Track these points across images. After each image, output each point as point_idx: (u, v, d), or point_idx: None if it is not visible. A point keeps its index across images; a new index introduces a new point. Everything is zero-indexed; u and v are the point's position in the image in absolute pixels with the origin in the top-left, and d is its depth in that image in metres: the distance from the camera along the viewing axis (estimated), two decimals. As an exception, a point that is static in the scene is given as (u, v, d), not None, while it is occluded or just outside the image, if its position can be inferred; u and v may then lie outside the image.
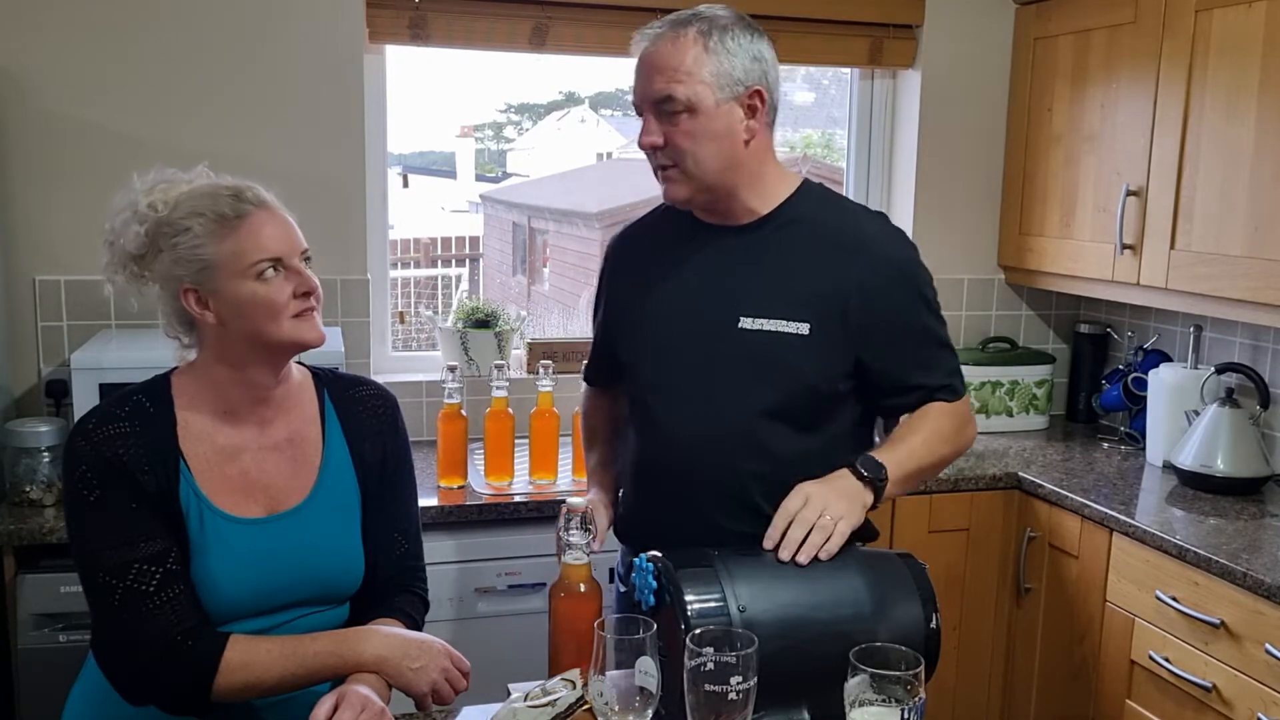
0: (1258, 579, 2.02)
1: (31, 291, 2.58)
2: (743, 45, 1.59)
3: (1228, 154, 2.45)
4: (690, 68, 1.56)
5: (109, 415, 1.48)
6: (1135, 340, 3.16)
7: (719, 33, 1.58)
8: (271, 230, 1.48)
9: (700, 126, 1.58)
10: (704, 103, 1.57)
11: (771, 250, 1.65)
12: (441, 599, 2.20)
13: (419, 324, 3.44)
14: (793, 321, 1.61)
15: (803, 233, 1.65)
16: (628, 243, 1.87)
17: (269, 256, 1.47)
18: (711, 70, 1.57)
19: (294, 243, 1.50)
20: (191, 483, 1.49)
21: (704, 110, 1.57)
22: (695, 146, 1.59)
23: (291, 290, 1.48)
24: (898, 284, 1.64)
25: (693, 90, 1.56)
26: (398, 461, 1.68)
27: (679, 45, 1.57)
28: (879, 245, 1.65)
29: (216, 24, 2.63)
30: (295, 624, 1.55)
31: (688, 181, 1.62)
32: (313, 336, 1.52)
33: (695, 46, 1.56)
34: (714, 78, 1.57)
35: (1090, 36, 2.85)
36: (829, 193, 1.74)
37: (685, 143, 1.59)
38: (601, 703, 1.22)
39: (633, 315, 1.76)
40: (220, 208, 1.46)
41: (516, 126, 5.87)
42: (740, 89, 1.59)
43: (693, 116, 1.57)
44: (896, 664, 1.18)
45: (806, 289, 1.61)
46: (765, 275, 1.64)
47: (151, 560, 1.44)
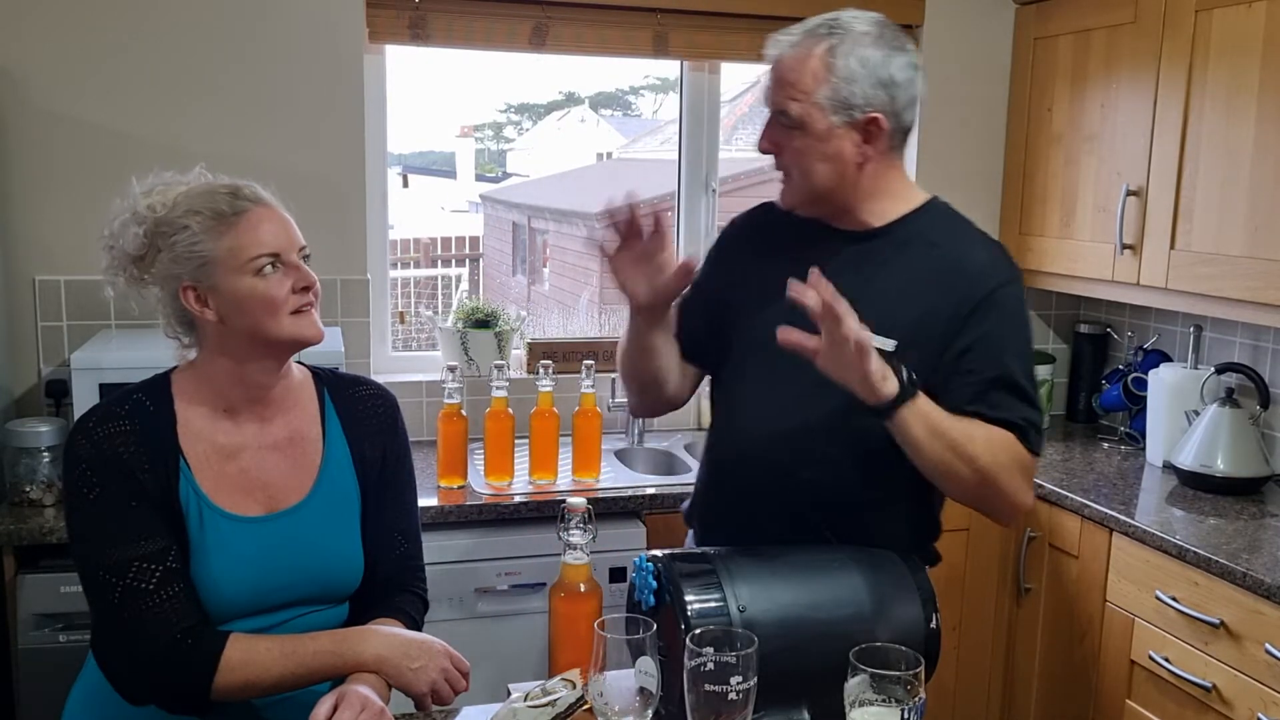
0: (1258, 579, 2.02)
1: (31, 291, 2.58)
2: (870, 67, 1.54)
3: (1228, 154, 2.45)
4: (808, 87, 1.54)
5: (109, 414, 1.49)
6: (1135, 340, 3.16)
7: (847, 53, 1.54)
8: (269, 226, 1.49)
9: (809, 146, 1.56)
10: (815, 125, 1.55)
11: (875, 262, 1.61)
12: (441, 599, 2.20)
13: (419, 324, 3.44)
14: (879, 335, 1.54)
15: (911, 250, 1.60)
16: (753, 229, 1.81)
17: (267, 252, 1.47)
18: (828, 94, 1.54)
19: (292, 239, 1.51)
20: (191, 481, 1.49)
21: (814, 132, 1.55)
22: (803, 163, 1.58)
23: (290, 286, 1.49)
24: (989, 317, 1.56)
25: (805, 111, 1.54)
26: (398, 461, 1.68)
27: (802, 61, 1.55)
28: (981, 275, 1.58)
29: (216, 24, 2.63)
30: (294, 623, 1.55)
31: (798, 192, 1.61)
32: (311, 333, 1.52)
33: (818, 65, 1.54)
34: (829, 101, 1.54)
35: (1090, 36, 2.85)
36: (953, 215, 1.67)
37: (791, 158, 1.58)
38: (601, 703, 1.22)
39: (735, 301, 1.72)
40: (218, 205, 1.47)
41: (516, 126, 5.87)
42: (856, 115, 1.55)
43: (803, 135, 1.56)
44: (896, 664, 1.18)
45: (900, 306, 1.56)
46: (864, 284, 1.57)
47: (151, 558, 1.44)
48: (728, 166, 3.25)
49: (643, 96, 5.21)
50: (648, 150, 6.26)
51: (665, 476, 2.77)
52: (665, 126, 5.23)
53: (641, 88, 5.10)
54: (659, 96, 4.92)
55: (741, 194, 4.57)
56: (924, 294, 1.58)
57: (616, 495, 2.51)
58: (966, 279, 1.58)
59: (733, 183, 3.38)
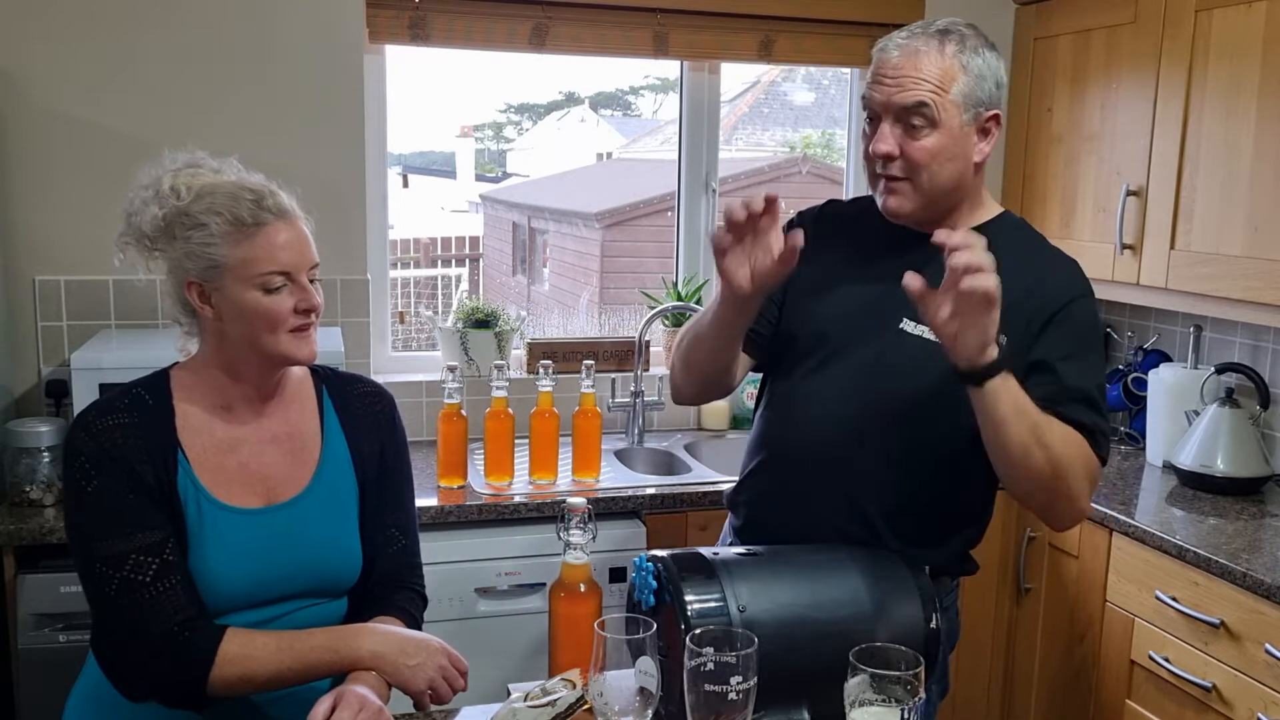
0: (1258, 579, 2.02)
1: (31, 291, 2.58)
2: (990, 67, 1.58)
3: (1228, 154, 2.45)
4: (943, 82, 1.54)
5: (108, 407, 1.49)
6: (1135, 340, 3.16)
7: (972, 52, 1.56)
8: (286, 243, 1.48)
9: (942, 145, 1.55)
10: (951, 122, 1.55)
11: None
12: (441, 599, 2.20)
13: (419, 324, 3.44)
14: None
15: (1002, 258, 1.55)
16: (824, 224, 1.77)
17: (279, 270, 1.47)
18: (962, 90, 1.55)
19: (306, 257, 1.50)
20: (190, 473, 1.50)
21: (949, 129, 1.55)
22: (934, 164, 1.56)
23: (293, 305, 1.49)
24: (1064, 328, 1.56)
25: (943, 106, 1.54)
26: (395, 458, 1.68)
27: (936, 58, 1.55)
28: (1058, 287, 1.59)
29: (216, 24, 2.63)
30: (292, 616, 1.55)
31: (916, 197, 1.59)
32: (303, 354, 1.52)
33: (953, 63, 1.55)
34: (963, 98, 1.55)
35: (1090, 37, 2.85)
36: (1026, 227, 1.72)
37: (924, 158, 1.56)
38: (601, 703, 1.22)
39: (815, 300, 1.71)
40: (239, 211, 1.46)
41: (516, 126, 5.87)
42: (982, 111, 1.58)
43: (936, 133, 1.55)
44: (896, 664, 1.18)
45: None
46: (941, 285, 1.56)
47: (148, 550, 1.44)
48: (728, 166, 3.26)
49: (643, 96, 5.21)
50: (648, 150, 6.27)
51: (665, 476, 2.77)
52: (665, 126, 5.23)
53: (641, 88, 5.10)
54: (659, 96, 4.93)
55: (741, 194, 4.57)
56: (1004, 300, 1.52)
57: (616, 495, 2.51)
58: (1044, 290, 1.58)
59: (733, 183, 3.38)
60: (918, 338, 1.58)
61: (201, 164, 1.53)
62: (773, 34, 3.01)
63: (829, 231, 1.74)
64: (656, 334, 3.16)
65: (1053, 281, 1.60)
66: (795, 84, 3.87)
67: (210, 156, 1.55)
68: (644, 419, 3.00)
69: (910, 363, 1.59)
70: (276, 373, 1.57)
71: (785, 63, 3.14)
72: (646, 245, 5.28)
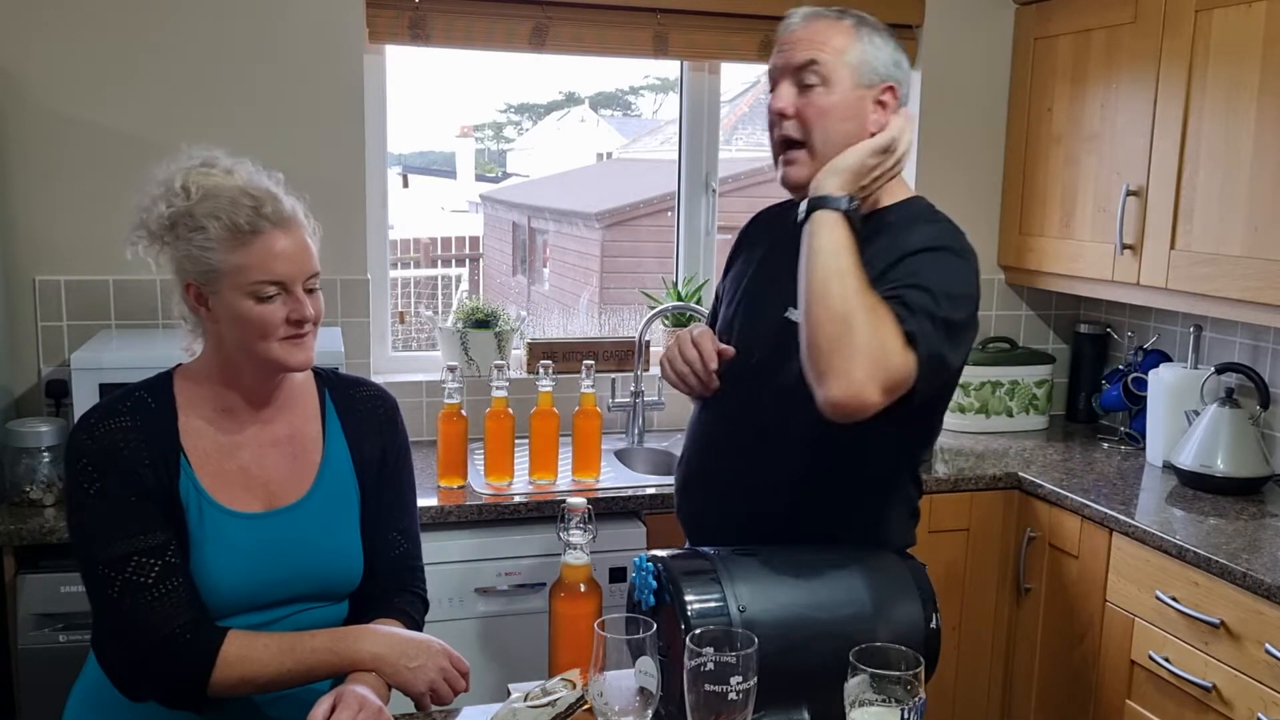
0: (1258, 579, 2.02)
1: (31, 291, 2.58)
2: (889, 46, 1.64)
3: (1228, 154, 2.45)
4: (838, 45, 1.61)
5: (111, 410, 1.49)
6: (1135, 340, 3.16)
7: (870, 29, 1.64)
8: (282, 253, 1.47)
9: (833, 103, 1.60)
10: (841, 82, 1.61)
11: None
12: (441, 599, 2.20)
13: (419, 324, 3.44)
14: None
15: (876, 239, 1.60)
16: (755, 227, 1.89)
17: (272, 279, 1.46)
18: (856, 56, 1.61)
19: (302, 267, 1.49)
20: (192, 476, 1.50)
21: (839, 89, 1.60)
22: (826, 121, 1.61)
23: (285, 315, 1.48)
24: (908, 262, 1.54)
25: (835, 65, 1.60)
26: (397, 461, 1.68)
27: (832, 26, 1.63)
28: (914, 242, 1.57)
29: (216, 24, 2.63)
30: (293, 619, 1.55)
31: (812, 163, 1.61)
32: (296, 361, 1.51)
33: (846, 33, 1.62)
34: (857, 62, 1.61)
35: (1090, 36, 2.85)
36: (932, 210, 1.68)
37: (815, 115, 1.61)
38: (601, 703, 1.22)
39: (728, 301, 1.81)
40: (237, 217, 1.45)
41: (516, 126, 5.87)
42: (876, 80, 1.62)
43: (828, 92, 1.60)
44: (896, 664, 1.17)
45: None
46: None
47: (150, 553, 1.44)
48: (728, 166, 3.26)
49: (643, 96, 5.21)
50: (648, 150, 6.27)
51: (665, 476, 2.77)
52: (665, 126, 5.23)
53: (641, 88, 5.10)
54: (659, 96, 4.93)
55: (741, 194, 4.57)
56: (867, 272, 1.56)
57: (616, 495, 2.51)
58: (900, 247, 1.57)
59: (733, 183, 3.38)
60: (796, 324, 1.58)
61: (215, 163, 1.52)
62: (772, 34, 2.99)
63: (754, 237, 1.86)
64: (656, 334, 3.16)
65: (914, 238, 1.58)
66: (795, 84, 3.87)
67: (226, 155, 1.54)
68: (644, 419, 3.00)
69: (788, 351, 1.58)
70: (274, 377, 1.56)
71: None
72: (646, 245, 5.28)
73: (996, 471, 2.73)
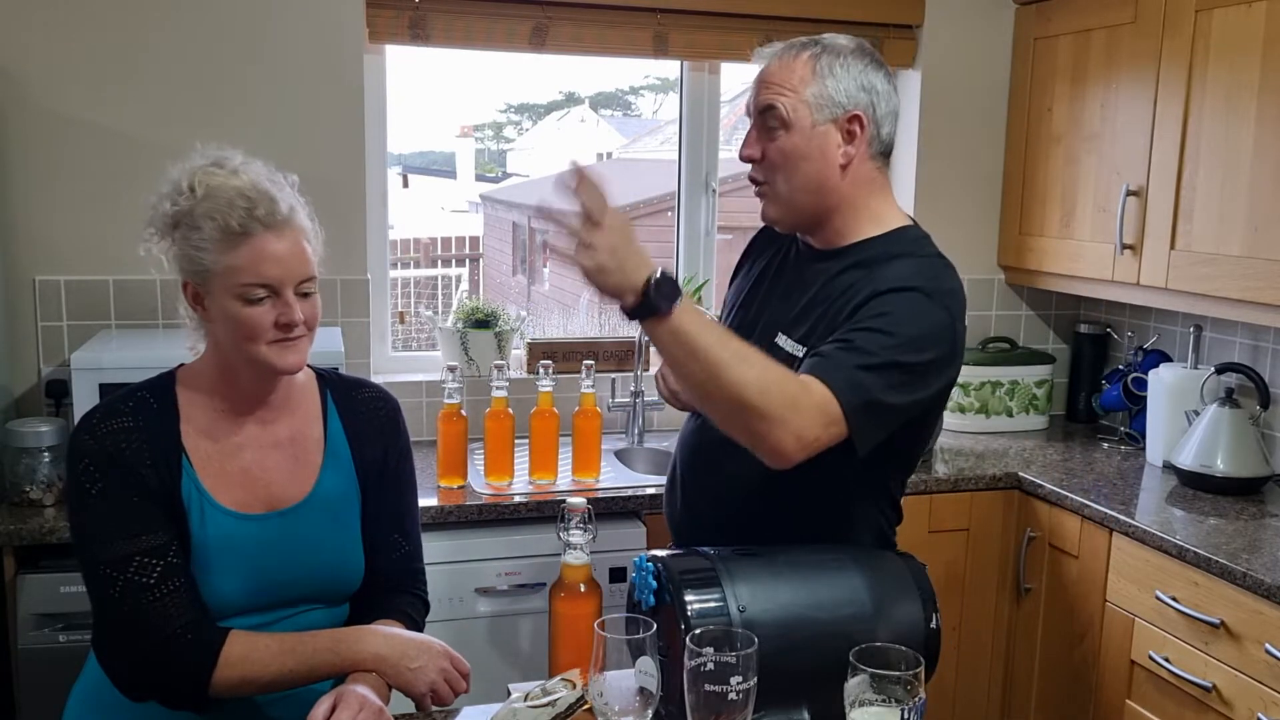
0: (1258, 579, 2.02)
1: (31, 291, 2.58)
2: (852, 72, 1.61)
3: (1228, 154, 2.45)
4: (795, 85, 1.60)
5: (113, 410, 1.49)
6: (1135, 340, 3.16)
7: (830, 58, 1.61)
8: (272, 255, 1.45)
9: (794, 145, 1.60)
10: (801, 121, 1.59)
11: (824, 278, 1.63)
12: (441, 599, 2.20)
13: (419, 324, 3.44)
14: (803, 346, 1.60)
15: (858, 271, 1.60)
16: (759, 241, 1.88)
17: (261, 282, 1.45)
18: (815, 92, 1.59)
19: (293, 271, 1.47)
20: (193, 477, 1.50)
21: (799, 129, 1.59)
22: (787, 165, 1.60)
23: (275, 319, 1.47)
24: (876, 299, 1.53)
25: (793, 106, 1.59)
26: (399, 463, 1.68)
27: (789, 64, 1.61)
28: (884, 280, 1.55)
29: (216, 24, 2.63)
30: (294, 620, 1.55)
31: (777, 202, 1.64)
32: (284, 364, 1.49)
33: (804, 68, 1.60)
34: (815, 98, 1.59)
35: (1090, 36, 2.85)
36: (917, 243, 1.64)
37: (776, 157, 1.61)
38: (601, 703, 1.22)
39: (728, 314, 1.82)
40: (230, 218, 1.44)
41: (516, 126, 5.87)
42: (839, 111, 1.60)
43: (789, 134, 1.60)
44: (896, 664, 1.18)
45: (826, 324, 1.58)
46: (809, 299, 1.63)
47: (152, 553, 1.44)
48: (728, 166, 3.25)
49: (643, 96, 5.21)
50: (648, 150, 6.26)
51: (665, 477, 2.76)
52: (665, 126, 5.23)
53: (641, 88, 5.10)
54: (659, 96, 4.92)
55: (741, 194, 4.57)
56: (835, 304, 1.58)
57: (616, 495, 2.51)
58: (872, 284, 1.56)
59: (733, 183, 3.38)
60: (786, 352, 1.61)
61: (225, 163, 1.51)
62: (773, 34, 2.99)
63: (757, 250, 1.86)
64: (656, 334, 3.16)
65: (886, 275, 1.56)
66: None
67: (241, 155, 1.54)
68: (644, 419, 3.00)
69: None
70: (271, 379, 1.55)
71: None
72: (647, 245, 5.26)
73: (996, 471, 2.73)
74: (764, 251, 1.83)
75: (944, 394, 1.60)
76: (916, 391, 1.51)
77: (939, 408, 1.66)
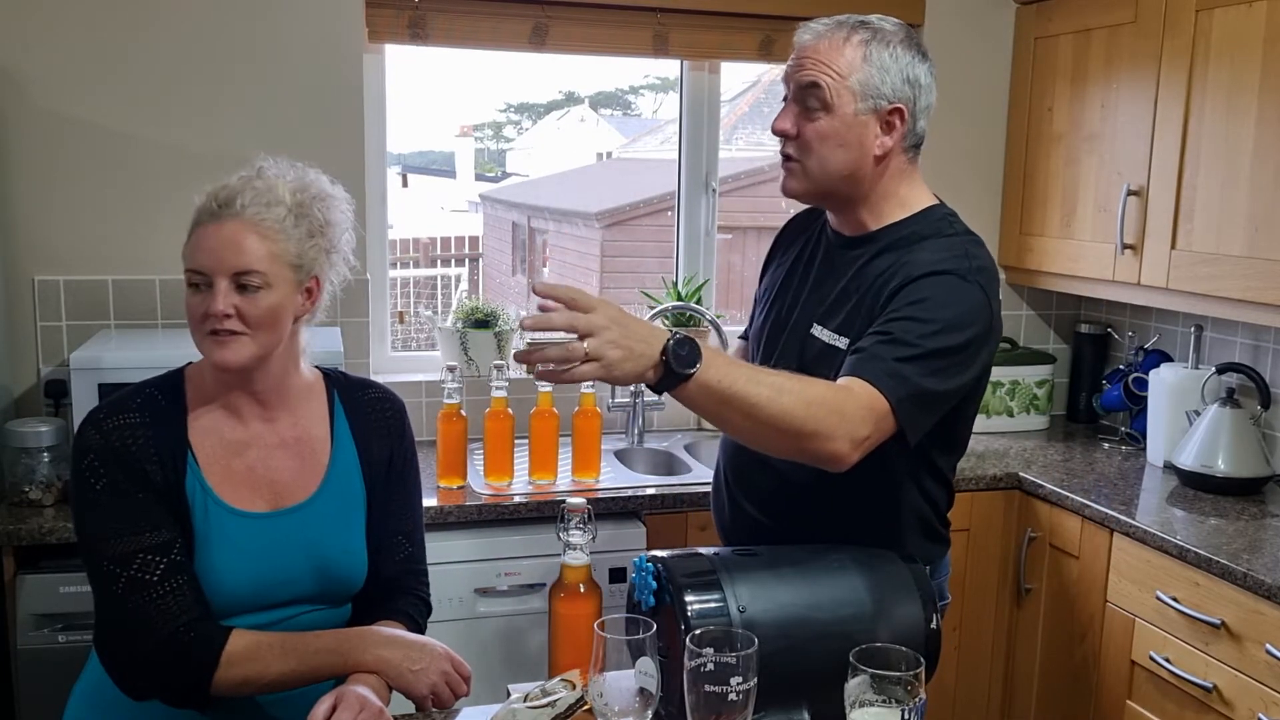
0: (1258, 579, 2.02)
1: (31, 291, 2.58)
2: (900, 63, 1.59)
3: (1228, 154, 2.45)
4: (842, 69, 1.57)
5: (120, 406, 1.50)
6: (1136, 340, 3.16)
7: (880, 46, 1.58)
8: (207, 243, 1.46)
9: (832, 129, 1.58)
10: (843, 108, 1.58)
11: (858, 265, 1.63)
12: (441, 599, 2.19)
13: (418, 324, 3.44)
14: (843, 337, 1.60)
15: (890, 255, 1.60)
16: (785, 235, 1.88)
17: (194, 268, 1.47)
18: (861, 80, 1.57)
19: (226, 262, 1.45)
20: (198, 475, 1.50)
21: (840, 115, 1.58)
22: (823, 147, 1.59)
23: (205, 310, 1.46)
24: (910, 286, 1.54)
25: (836, 90, 1.57)
26: (404, 464, 1.68)
27: (839, 45, 1.58)
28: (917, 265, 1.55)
29: (216, 24, 2.62)
30: (296, 620, 1.55)
31: (804, 179, 1.62)
32: (216, 358, 1.47)
33: (854, 52, 1.57)
34: (861, 87, 1.57)
35: (1090, 36, 2.84)
36: (944, 222, 1.65)
37: (812, 139, 1.59)
38: (601, 703, 1.22)
39: (759, 306, 1.81)
40: (208, 202, 1.48)
41: (516, 126, 5.88)
42: (882, 103, 1.59)
43: (829, 117, 1.58)
44: (897, 664, 1.17)
45: (865, 310, 1.58)
46: (844, 287, 1.63)
47: (156, 550, 1.45)
48: (728, 166, 3.25)
49: (643, 96, 5.21)
50: (648, 150, 6.27)
51: (665, 477, 2.77)
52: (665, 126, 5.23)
53: (641, 87, 5.10)
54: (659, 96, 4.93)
55: (741, 194, 4.57)
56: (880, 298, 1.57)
57: (616, 495, 2.51)
58: (904, 269, 1.56)
59: (733, 182, 3.38)
60: (822, 342, 1.62)
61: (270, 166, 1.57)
62: (773, 33, 3.01)
63: (786, 241, 1.85)
64: (656, 334, 3.15)
65: (919, 259, 1.56)
66: (795, 84, 3.86)
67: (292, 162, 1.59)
68: (644, 419, 3.00)
69: (813, 365, 1.61)
70: (270, 378, 1.55)
71: (785, 62, 3.13)
72: (646, 245, 5.29)
73: (997, 471, 2.72)
74: (794, 242, 1.82)
75: (986, 372, 1.61)
76: (961, 374, 1.52)
77: (982, 387, 1.65)
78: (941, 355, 1.49)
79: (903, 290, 1.53)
